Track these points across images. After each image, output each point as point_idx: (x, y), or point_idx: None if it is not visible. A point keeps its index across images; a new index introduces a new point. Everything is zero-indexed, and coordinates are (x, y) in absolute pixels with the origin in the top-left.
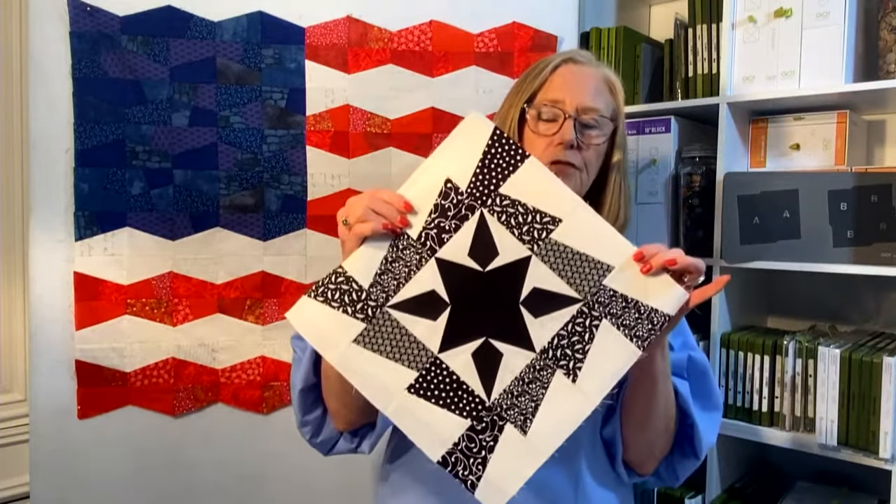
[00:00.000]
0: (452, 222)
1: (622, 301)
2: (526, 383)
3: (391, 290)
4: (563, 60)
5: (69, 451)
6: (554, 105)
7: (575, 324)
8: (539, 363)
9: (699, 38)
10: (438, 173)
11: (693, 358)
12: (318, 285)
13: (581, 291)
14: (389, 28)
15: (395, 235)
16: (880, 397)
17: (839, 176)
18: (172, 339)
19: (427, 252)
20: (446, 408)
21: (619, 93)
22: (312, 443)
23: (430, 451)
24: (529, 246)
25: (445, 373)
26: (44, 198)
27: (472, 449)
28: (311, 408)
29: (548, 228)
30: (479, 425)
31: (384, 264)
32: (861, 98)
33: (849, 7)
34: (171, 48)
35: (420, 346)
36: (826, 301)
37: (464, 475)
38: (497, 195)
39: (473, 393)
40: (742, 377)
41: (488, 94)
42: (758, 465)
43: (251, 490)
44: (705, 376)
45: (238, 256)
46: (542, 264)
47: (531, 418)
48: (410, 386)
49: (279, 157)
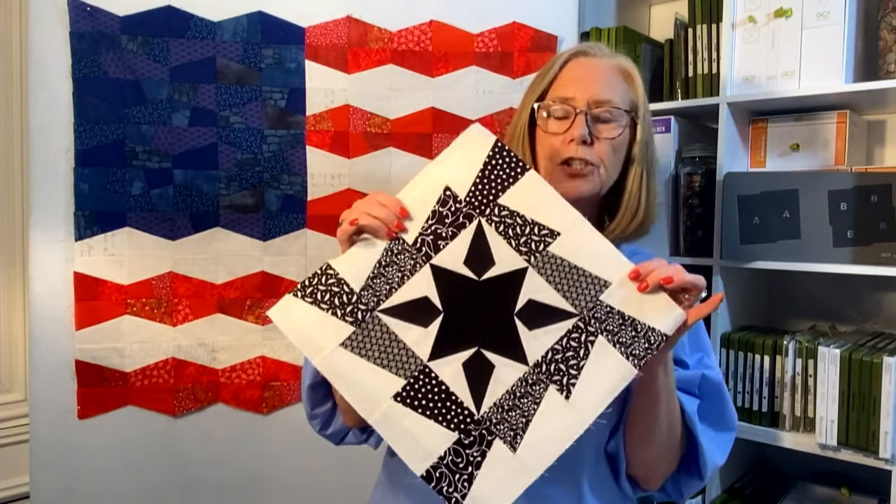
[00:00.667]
0: (449, 229)
1: (619, 318)
2: (517, 397)
3: (383, 294)
4: (573, 54)
5: (69, 451)
6: (564, 102)
7: (570, 338)
8: (532, 377)
9: (699, 38)
10: (438, 180)
11: (707, 377)
12: (304, 285)
13: (577, 306)
14: (389, 28)
15: (390, 239)
16: (880, 397)
17: (839, 176)
18: (172, 339)
19: (422, 258)
20: (433, 419)
21: (636, 81)
22: (322, 434)
23: (414, 464)
24: (526, 257)
25: (434, 382)
26: (44, 198)
27: (459, 464)
28: (320, 402)
29: (546, 241)
30: (467, 439)
31: (377, 268)
32: (861, 98)
33: (849, 7)
34: (170, 48)
35: (409, 353)
36: (826, 301)
37: (448, 492)
38: (496, 205)
39: (462, 405)
40: (742, 377)
41: (488, 94)
42: (758, 465)
43: (251, 490)
44: (719, 395)
45: (238, 256)
46: (538, 276)
47: (521, 434)
48: (397, 394)
49: (279, 157)
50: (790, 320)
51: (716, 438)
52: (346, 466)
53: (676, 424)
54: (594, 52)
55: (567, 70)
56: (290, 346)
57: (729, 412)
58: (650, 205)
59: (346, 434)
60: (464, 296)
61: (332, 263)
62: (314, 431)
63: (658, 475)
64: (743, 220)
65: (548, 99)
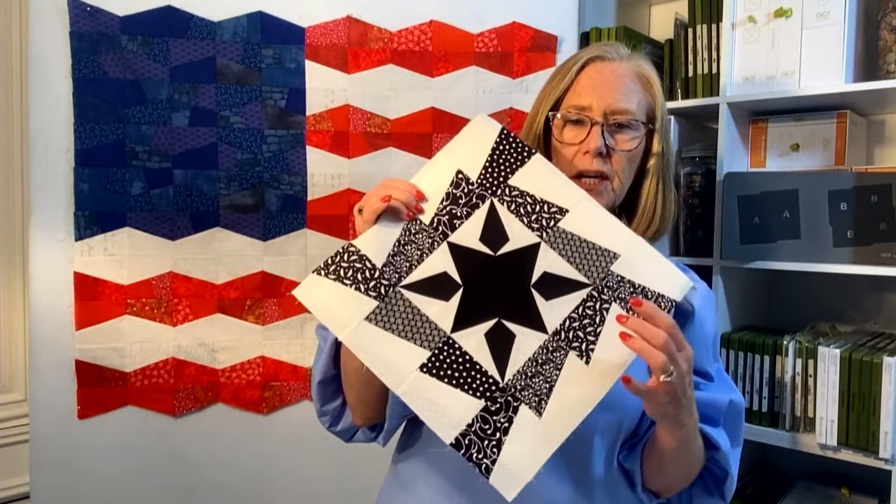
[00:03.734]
0: (464, 209)
1: (630, 286)
2: (539, 364)
3: (403, 271)
4: (591, 58)
5: (69, 451)
6: (580, 111)
7: (585, 307)
8: (552, 345)
9: (699, 38)
10: (449, 165)
11: (734, 402)
12: (327, 263)
13: (590, 276)
14: (389, 28)
15: (408, 219)
16: (880, 397)
17: (839, 176)
18: (172, 339)
19: (439, 236)
20: (459, 388)
21: (654, 86)
22: (332, 430)
23: (442, 432)
24: (538, 233)
25: (458, 353)
26: (44, 198)
27: (487, 431)
28: (331, 398)
29: (555, 218)
30: (494, 406)
31: (396, 246)
32: (861, 98)
33: (849, 7)
34: (170, 48)
35: (432, 326)
36: (826, 301)
37: (478, 458)
38: (506, 186)
39: (487, 373)
40: (742, 377)
41: (488, 94)
42: (758, 465)
43: (251, 490)
44: (739, 419)
45: (238, 256)
46: (551, 250)
47: (546, 399)
48: (423, 365)
49: (279, 157)
50: (790, 320)
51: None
52: (346, 466)
53: (699, 457)
54: (612, 55)
55: (584, 76)
56: (290, 345)
57: (742, 430)
58: (666, 214)
59: (355, 432)
60: (481, 271)
61: (353, 242)
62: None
63: (671, 492)
64: (743, 220)
65: (563, 107)
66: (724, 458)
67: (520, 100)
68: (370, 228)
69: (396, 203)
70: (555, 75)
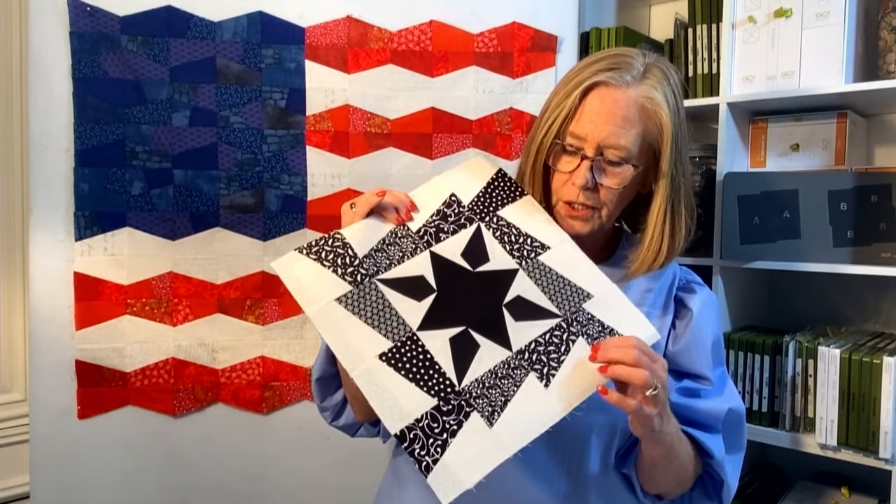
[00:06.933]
0: (451, 226)
1: (599, 325)
2: (499, 378)
3: (383, 266)
4: (595, 83)
5: (69, 451)
6: (576, 140)
7: (552, 335)
8: (514, 362)
9: (699, 38)
10: (444, 188)
11: (732, 410)
12: (311, 244)
13: (561, 309)
14: (389, 28)
15: (397, 224)
16: (880, 397)
17: (839, 176)
18: (172, 339)
19: (423, 244)
20: (415, 382)
21: (662, 113)
22: (335, 425)
23: (389, 421)
24: (518, 261)
25: (421, 350)
26: (44, 198)
27: (435, 429)
28: (331, 395)
29: (537, 251)
30: (446, 406)
31: (380, 244)
32: (861, 98)
33: (849, 7)
34: (171, 48)
35: (400, 321)
36: (826, 301)
37: (420, 454)
38: (495, 215)
39: (445, 375)
40: (742, 377)
41: (488, 94)
42: (758, 465)
43: (251, 490)
44: (739, 424)
45: (238, 256)
46: (527, 278)
47: (499, 412)
48: (383, 354)
49: (279, 157)
50: (790, 320)
51: (733, 461)
52: (346, 466)
53: (687, 464)
54: (617, 81)
55: (587, 103)
56: (290, 346)
57: (744, 436)
58: (674, 244)
59: (358, 427)
60: (458, 282)
61: (340, 230)
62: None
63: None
64: (743, 220)
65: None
66: (719, 465)
67: (520, 100)
68: (359, 221)
69: (389, 201)
70: (559, 91)
